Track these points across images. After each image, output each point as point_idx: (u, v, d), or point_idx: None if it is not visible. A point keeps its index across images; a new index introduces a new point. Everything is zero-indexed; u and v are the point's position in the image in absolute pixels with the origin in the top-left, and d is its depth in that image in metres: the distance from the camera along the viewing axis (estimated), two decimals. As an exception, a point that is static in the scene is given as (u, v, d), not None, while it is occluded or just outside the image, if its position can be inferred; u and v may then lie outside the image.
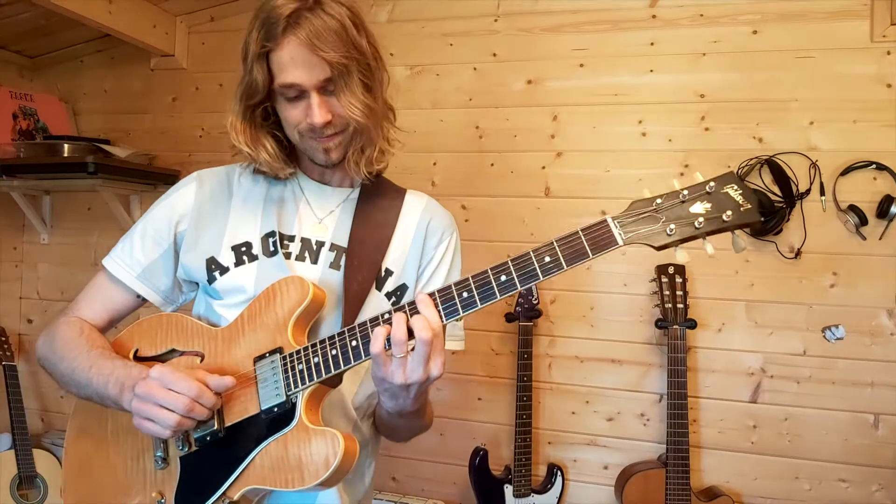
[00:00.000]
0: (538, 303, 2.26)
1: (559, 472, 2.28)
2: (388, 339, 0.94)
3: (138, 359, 1.15)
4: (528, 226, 2.39)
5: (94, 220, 2.86)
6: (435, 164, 2.49)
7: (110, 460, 1.16)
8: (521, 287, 0.94)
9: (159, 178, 2.69)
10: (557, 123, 2.38)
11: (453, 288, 0.96)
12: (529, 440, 2.22)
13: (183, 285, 1.23)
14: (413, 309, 0.96)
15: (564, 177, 2.37)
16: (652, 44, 2.30)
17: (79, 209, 2.89)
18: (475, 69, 2.47)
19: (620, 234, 0.91)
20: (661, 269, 2.13)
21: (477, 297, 0.95)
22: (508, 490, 2.21)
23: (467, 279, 0.96)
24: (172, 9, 2.69)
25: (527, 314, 2.24)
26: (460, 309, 0.95)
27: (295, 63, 1.03)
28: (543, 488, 2.26)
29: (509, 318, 2.26)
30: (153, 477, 1.11)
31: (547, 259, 0.92)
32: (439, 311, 0.95)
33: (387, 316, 0.97)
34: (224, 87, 2.72)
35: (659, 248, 0.92)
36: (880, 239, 2.10)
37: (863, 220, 2.08)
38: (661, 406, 2.25)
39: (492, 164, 2.44)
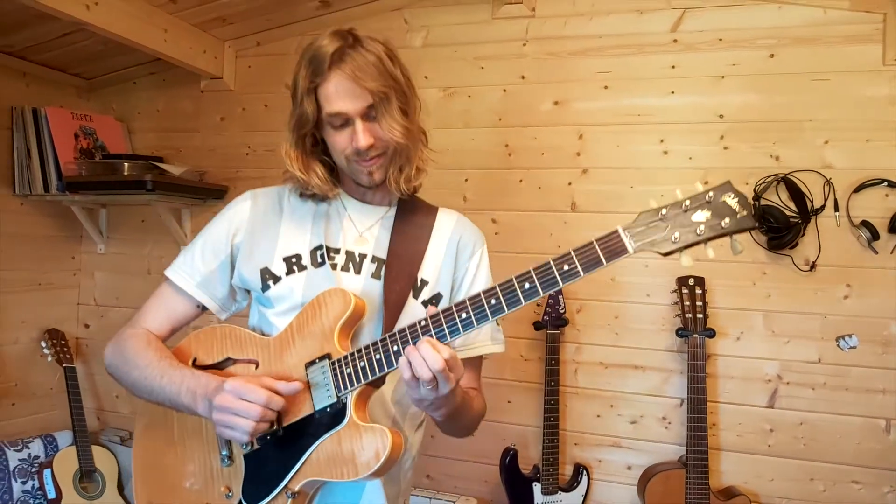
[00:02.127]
0: (565, 312, 2.39)
1: (585, 472, 2.42)
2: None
3: (197, 367, 1.27)
4: (555, 238, 2.52)
5: (147, 232, 3.06)
6: (466, 180, 2.63)
7: (178, 458, 1.29)
8: (543, 293, 1.04)
9: (209, 193, 2.88)
10: (583, 142, 2.51)
11: (482, 296, 1.08)
12: (557, 441, 2.36)
13: (237, 294, 1.36)
14: (415, 334, 1.10)
15: (590, 192, 2.50)
16: (673, 67, 2.42)
17: (133, 221, 3.09)
18: (505, 91, 2.61)
19: (630, 243, 1.01)
20: (682, 281, 2.26)
21: (504, 303, 1.06)
22: (537, 488, 2.35)
23: (494, 287, 1.07)
24: (221, 35, 2.88)
25: (554, 322, 2.38)
26: (489, 313, 1.07)
27: (340, 94, 1.17)
28: (570, 487, 2.40)
29: (537, 326, 2.40)
30: (220, 473, 1.24)
31: (566, 267, 1.03)
32: (446, 331, 1.09)
33: (415, 328, 1.10)
34: (269, 107, 2.90)
35: (665, 255, 1.02)
36: (892, 253, 2.20)
37: (875, 235, 2.17)
38: (681, 410, 2.38)
39: (520, 181, 2.58)
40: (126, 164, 2.66)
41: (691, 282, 2.25)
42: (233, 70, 2.95)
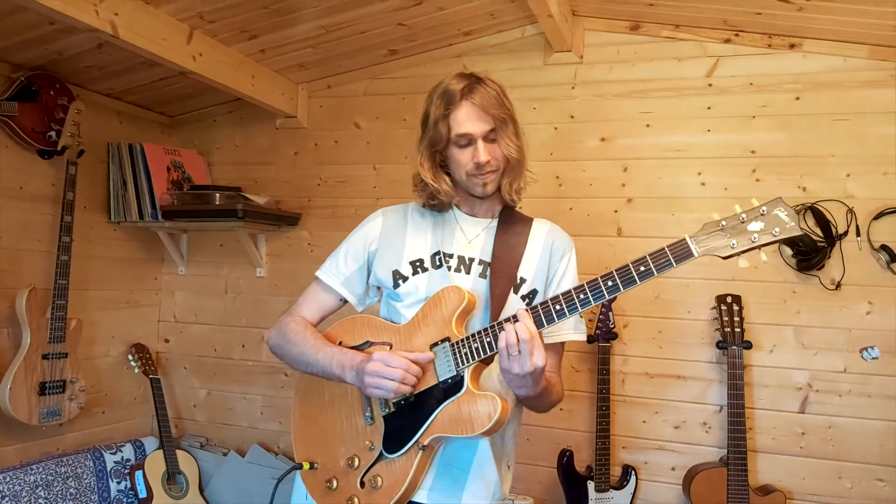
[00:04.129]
0: (614, 326, 2.66)
1: (633, 472, 2.66)
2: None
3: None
4: (603, 261, 2.78)
5: (225, 255, 3.36)
6: (520, 208, 2.90)
7: (329, 419, 1.58)
8: (623, 289, 1.29)
9: (284, 220, 3.18)
10: (628, 174, 2.79)
11: (573, 291, 1.34)
12: (608, 444, 2.61)
13: (371, 290, 1.67)
14: (515, 319, 1.36)
15: (634, 220, 2.78)
16: (709, 108, 2.70)
17: (212, 245, 3.39)
18: (556, 128, 2.90)
19: (696, 248, 1.23)
20: (721, 299, 2.52)
21: (591, 297, 1.32)
22: (591, 486, 2.60)
23: (583, 285, 1.33)
24: (296, 78, 3.20)
25: (605, 336, 2.64)
26: (579, 305, 1.33)
27: (469, 118, 1.47)
28: (620, 485, 2.64)
29: (590, 339, 2.66)
30: (364, 430, 1.52)
31: (642, 268, 1.27)
32: (543, 319, 1.35)
33: (512, 320, 1.37)
34: (339, 143, 3.21)
35: (725, 258, 1.25)
36: (909, 273, 2.47)
37: (893, 258, 2.43)
38: (720, 416, 2.63)
39: (570, 209, 2.86)
40: (217, 195, 2.96)
41: (729, 299, 2.51)
42: (306, 109, 3.26)
